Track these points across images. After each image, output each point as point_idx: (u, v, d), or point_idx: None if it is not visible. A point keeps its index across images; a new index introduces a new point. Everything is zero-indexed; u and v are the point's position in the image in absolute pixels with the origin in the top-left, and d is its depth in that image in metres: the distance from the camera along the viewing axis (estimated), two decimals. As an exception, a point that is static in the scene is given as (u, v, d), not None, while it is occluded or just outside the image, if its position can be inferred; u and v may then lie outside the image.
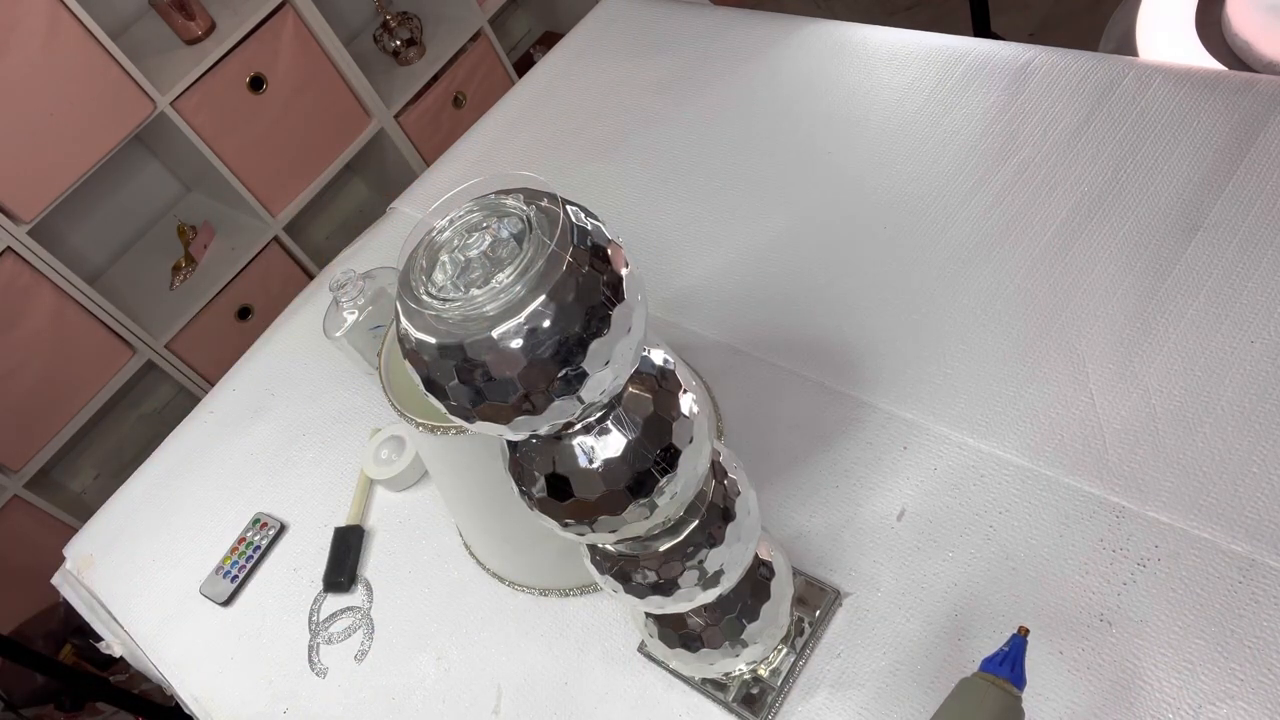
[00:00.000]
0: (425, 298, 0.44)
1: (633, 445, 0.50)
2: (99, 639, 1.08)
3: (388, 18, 2.24)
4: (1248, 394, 0.77)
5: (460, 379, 0.43)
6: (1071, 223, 0.93)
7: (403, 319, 0.44)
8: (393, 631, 0.93)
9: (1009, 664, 0.62)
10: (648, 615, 0.71)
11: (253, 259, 2.11)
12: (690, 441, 0.52)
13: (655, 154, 1.22)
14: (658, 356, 0.53)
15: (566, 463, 0.50)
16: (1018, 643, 0.63)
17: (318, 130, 2.13)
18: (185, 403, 2.11)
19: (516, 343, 0.41)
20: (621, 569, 0.60)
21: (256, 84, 1.98)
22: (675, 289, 1.07)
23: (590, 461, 0.50)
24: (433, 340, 0.43)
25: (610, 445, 0.49)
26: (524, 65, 2.53)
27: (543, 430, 0.46)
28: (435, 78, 2.31)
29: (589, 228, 0.45)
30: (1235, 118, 0.93)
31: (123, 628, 1.06)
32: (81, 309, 1.88)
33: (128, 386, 2.07)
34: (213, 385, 1.27)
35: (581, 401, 0.44)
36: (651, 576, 0.59)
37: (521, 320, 0.41)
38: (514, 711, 0.83)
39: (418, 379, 0.45)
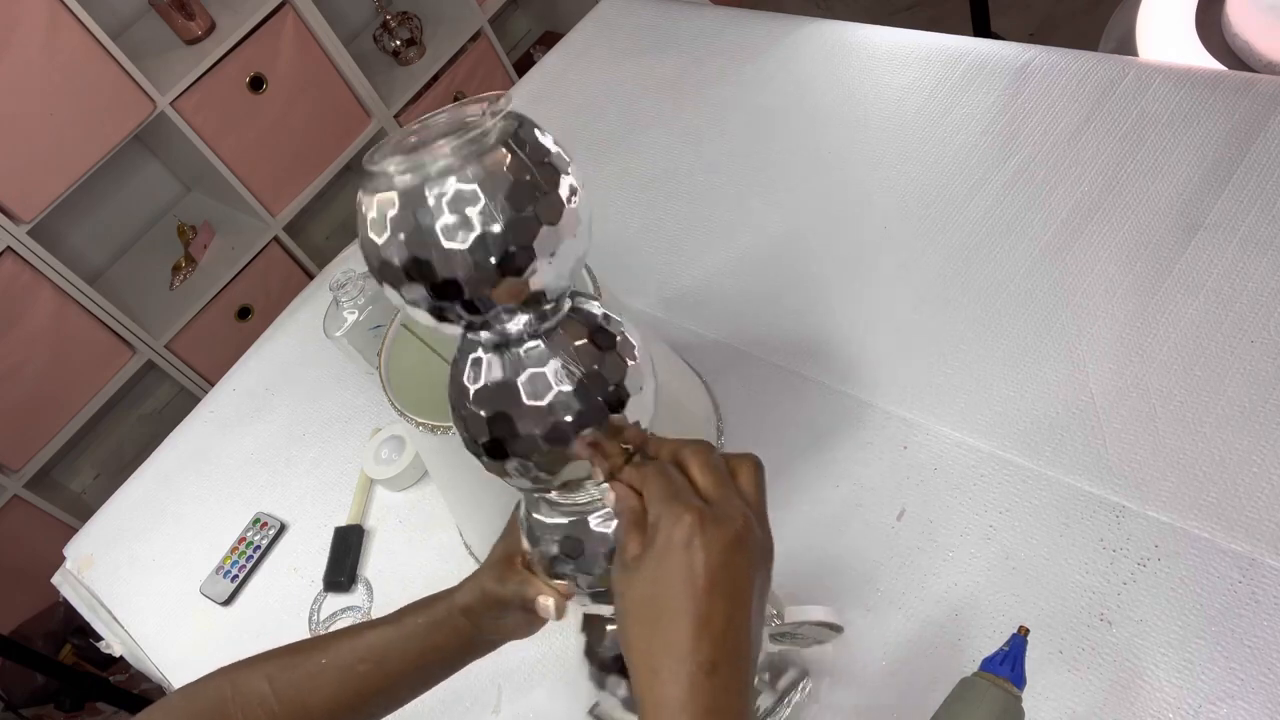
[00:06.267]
0: (378, 163, 0.45)
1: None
2: (99, 639, 1.08)
3: (388, 18, 2.24)
4: (1248, 394, 0.77)
5: (410, 252, 0.44)
6: (1071, 223, 0.93)
7: (360, 195, 0.46)
8: (393, 631, 0.93)
9: (1009, 664, 0.62)
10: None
11: (253, 259, 2.11)
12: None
13: (655, 154, 1.22)
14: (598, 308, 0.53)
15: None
16: (1018, 642, 0.63)
17: (318, 130, 2.13)
18: (185, 403, 2.11)
19: (469, 210, 0.43)
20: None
21: (256, 84, 1.98)
22: (675, 289, 1.07)
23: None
24: (392, 201, 0.44)
25: None
26: (524, 65, 2.53)
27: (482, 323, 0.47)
28: (435, 78, 2.31)
29: (544, 141, 0.47)
30: (1235, 118, 0.93)
31: (123, 627, 1.06)
32: (81, 309, 1.88)
33: (128, 386, 2.07)
34: (213, 385, 1.26)
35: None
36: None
37: (470, 184, 0.43)
38: (514, 711, 0.83)
39: (375, 263, 0.46)
